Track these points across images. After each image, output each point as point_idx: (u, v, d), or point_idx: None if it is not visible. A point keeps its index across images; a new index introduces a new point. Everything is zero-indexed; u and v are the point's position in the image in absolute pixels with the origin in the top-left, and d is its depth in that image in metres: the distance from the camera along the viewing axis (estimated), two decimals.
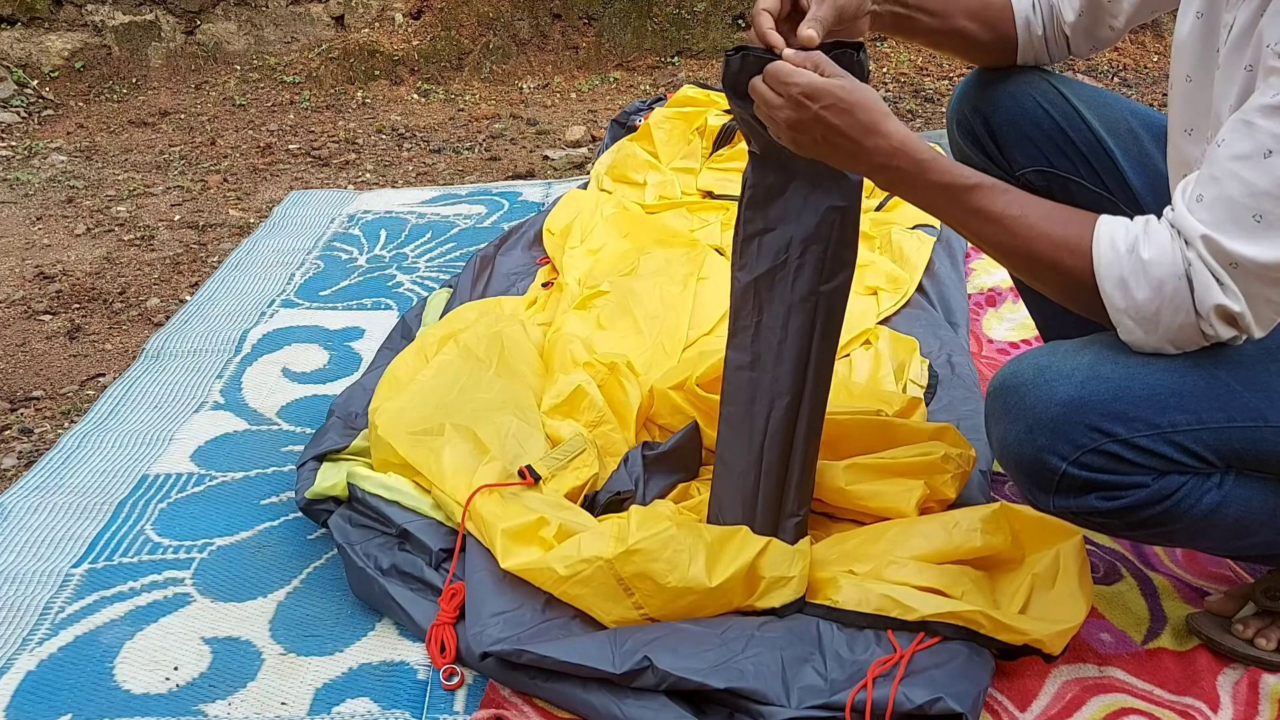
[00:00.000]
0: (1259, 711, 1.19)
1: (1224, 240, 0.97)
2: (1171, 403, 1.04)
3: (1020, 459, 1.09)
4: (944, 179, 1.10)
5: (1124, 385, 1.04)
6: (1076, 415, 1.04)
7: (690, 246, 2.13)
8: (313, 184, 3.23)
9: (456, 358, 1.75)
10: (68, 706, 1.26)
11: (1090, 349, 1.07)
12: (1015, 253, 1.10)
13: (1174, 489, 1.07)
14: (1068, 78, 1.40)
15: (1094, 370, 1.05)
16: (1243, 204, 0.96)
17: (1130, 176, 1.35)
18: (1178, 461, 1.06)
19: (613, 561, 1.24)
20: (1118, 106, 1.39)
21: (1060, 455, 1.05)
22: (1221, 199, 0.97)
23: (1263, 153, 0.95)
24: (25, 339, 2.27)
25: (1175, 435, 1.04)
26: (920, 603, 1.23)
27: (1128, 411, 1.04)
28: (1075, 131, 1.35)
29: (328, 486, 1.50)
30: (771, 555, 1.26)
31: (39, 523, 1.59)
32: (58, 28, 4.17)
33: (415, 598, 1.36)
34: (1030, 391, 1.07)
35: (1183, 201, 1.01)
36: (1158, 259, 1.00)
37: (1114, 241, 1.03)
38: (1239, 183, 0.96)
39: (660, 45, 4.39)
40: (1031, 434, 1.06)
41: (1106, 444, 1.04)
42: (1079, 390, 1.04)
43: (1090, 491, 1.07)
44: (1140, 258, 1.01)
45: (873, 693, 1.14)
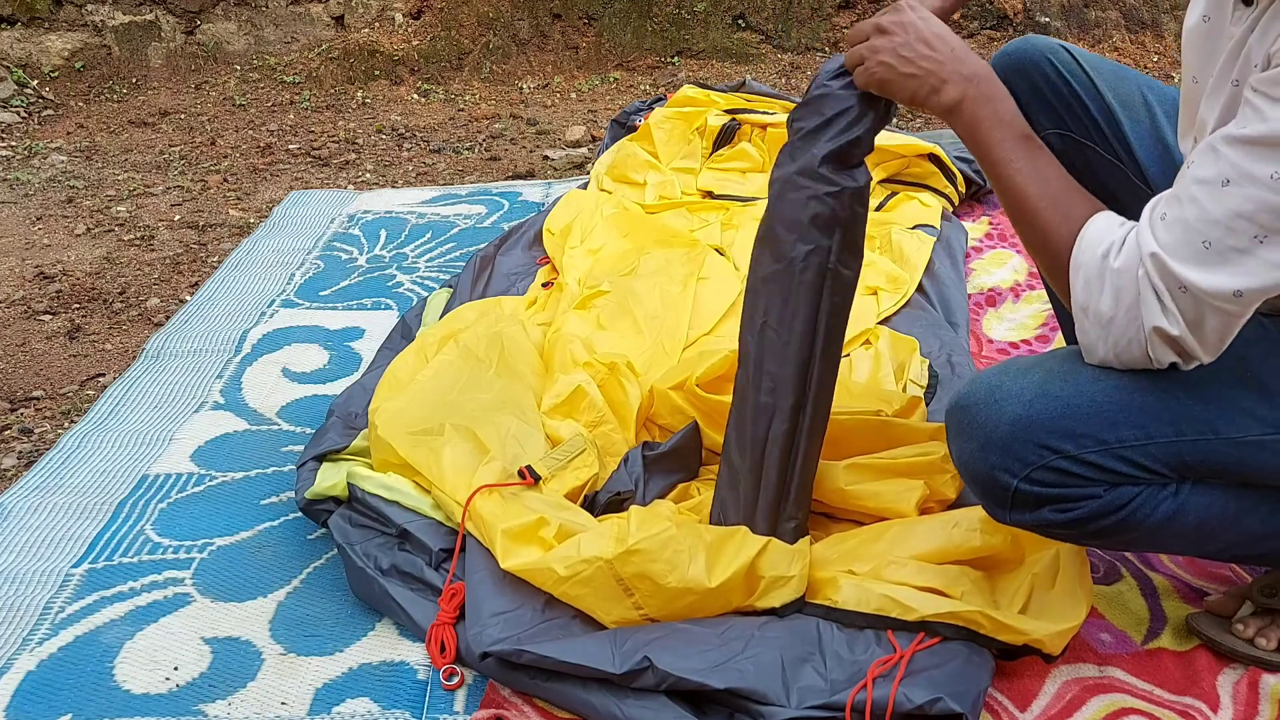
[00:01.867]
0: (1259, 711, 1.19)
1: (1172, 262, 0.98)
2: (1120, 419, 1.06)
3: (975, 476, 1.12)
4: (1009, 118, 1.15)
5: (1071, 403, 1.06)
6: (1025, 433, 1.07)
7: (690, 246, 2.13)
8: (313, 184, 3.23)
9: (456, 358, 1.75)
10: (68, 706, 1.26)
11: (1041, 368, 1.10)
12: (1025, 212, 1.13)
13: (1127, 499, 1.09)
14: (1086, 52, 1.41)
15: (1043, 389, 1.07)
16: (1195, 228, 0.97)
17: (1137, 150, 1.37)
18: (1128, 475, 1.07)
19: (612, 562, 1.24)
20: (1132, 80, 1.40)
21: (1011, 472, 1.08)
22: (1179, 220, 0.99)
23: (1221, 181, 0.95)
24: (25, 339, 2.27)
25: (1123, 450, 1.06)
26: (920, 603, 1.23)
27: (1075, 429, 1.06)
28: (1091, 101, 1.37)
29: (328, 486, 1.50)
30: (771, 555, 1.26)
31: (39, 523, 1.60)
32: (58, 28, 4.17)
33: (415, 598, 1.36)
34: (981, 410, 1.10)
35: (1147, 217, 1.02)
36: (1123, 268, 1.02)
37: (1096, 241, 1.05)
38: (1196, 207, 0.97)
39: (660, 45, 4.39)
40: (984, 452, 1.09)
41: (1055, 460, 1.07)
42: (1027, 409, 1.07)
43: (1043, 505, 1.09)
44: (1109, 265, 1.02)
45: (873, 693, 1.14)
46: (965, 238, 2.36)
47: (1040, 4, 4.35)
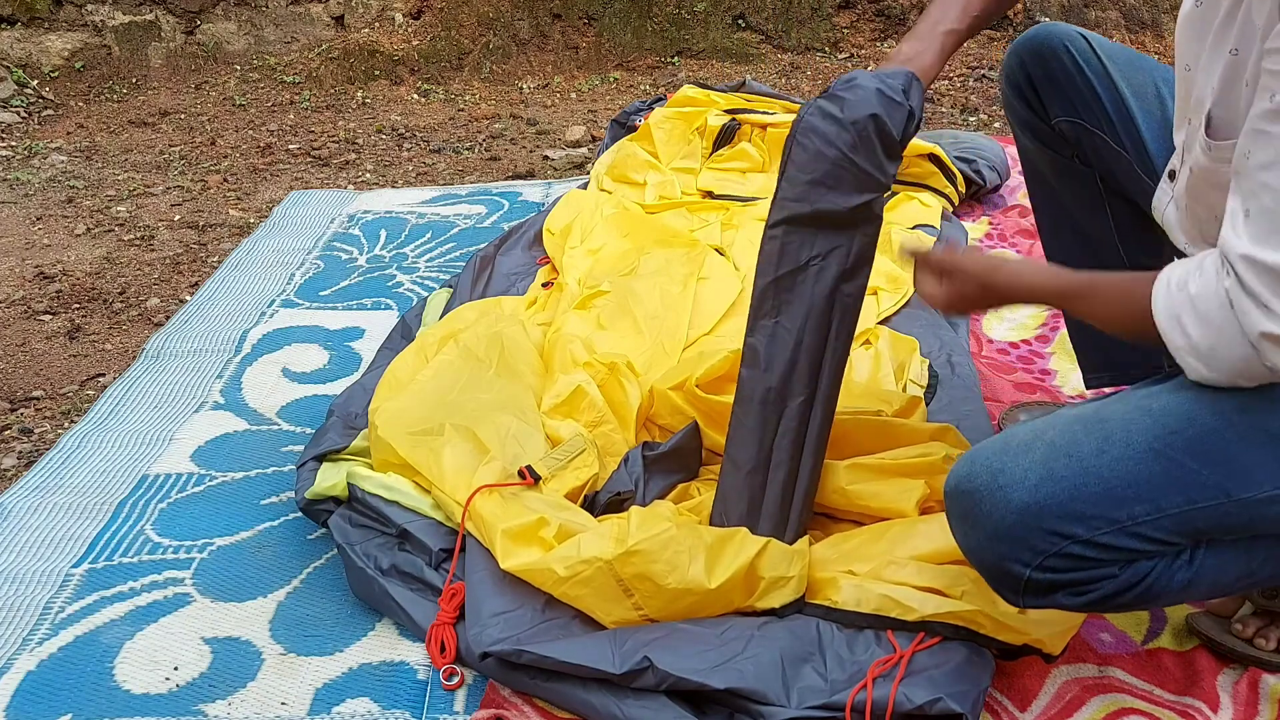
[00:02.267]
0: (1259, 711, 1.19)
1: (1265, 254, 0.92)
2: (1129, 495, 1.02)
3: (983, 565, 1.09)
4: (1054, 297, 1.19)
5: (1079, 484, 1.02)
6: (1034, 521, 1.02)
7: (690, 246, 2.13)
8: (313, 184, 3.23)
9: (456, 358, 1.75)
10: (68, 706, 1.26)
11: (1043, 442, 1.05)
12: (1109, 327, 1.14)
13: (1143, 575, 1.06)
14: (1105, 40, 1.42)
15: (1047, 470, 1.03)
16: (1277, 212, 0.92)
17: (1148, 140, 1.38)
18: (1142, 550, 1.04)
19: (612, 562, 1.24)
20: (1148, 70, 1.41)
21: (1022, 562, 1.04)
22: (1261, 212, 0.94)
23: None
24: (25, 339, 2.27)
25: (1136, 527, 1.02)
26: (920, 603, 1.23)
27: (1085, 511, 1.02)
28: (1104, 90, 1.38)
29: (328, 487, 1.50)
30: (770, 555, 1.26)
31: (39, 523, 1.59)
32: (58, 28, 4.17)
33: (415, 598, 1.36)
34: (985, 499, 1.04)
35: (1229, 223, 0.97)
36: (1203, 292, 0.97)
37: (1169, 281, 1.01)
38: (1270, 193, 0.93)
39: (660, 45, 4.39)
40: (992, 543, 1.05)
41: (1068, 546, 1.03)
42: (1033, 495, 1.02)
43: (1057, 591, 1.06)
44: (1189, 293, 0.98)
45: (873, 693, 1.14)
46: (965, 238, 2.36)
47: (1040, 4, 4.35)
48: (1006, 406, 1.75)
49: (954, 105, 3.73)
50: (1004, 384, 1.84)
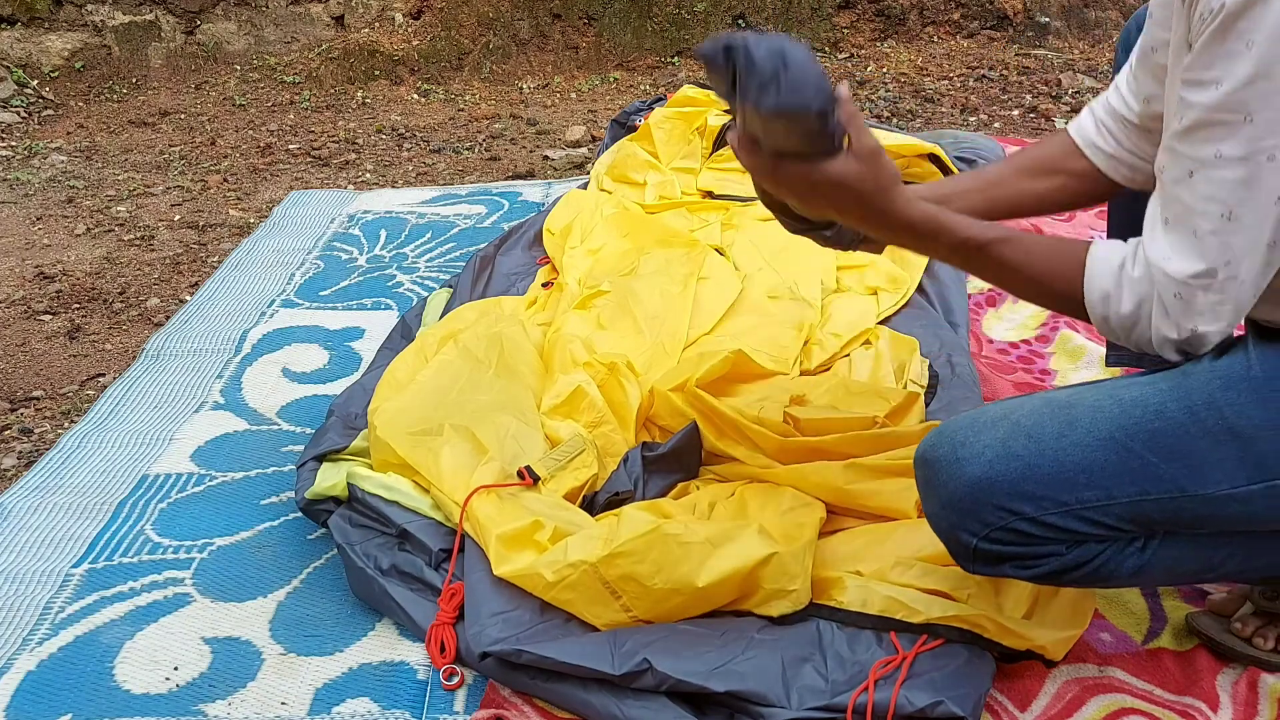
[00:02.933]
0: (1259, 711, 1.19)
1: (1173, 267, 0.98)
2: (1080, 480, 1.05)
3: (938, 530, 1.13)
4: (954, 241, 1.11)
5: (1032, 464, 1.05)
6: (984, 495, 1.06)
7: (690, 246, 2.13)
8: (313, 184, 3.23)
9: (456, 358, 1.75)
10: (68, 706, 1.26)
11: (1007, 421, 1.08)
12: (1024, 293, 1.13)
13: (1091, 556, 1.09)
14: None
15: (1005, 448, 1.06)
16: (1185, 222, 0.97)
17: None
18: (1090, 534, 1.07)
19: (597, 565, 1.24)
20: None
21: (970, 532, 1.09)
22: (1175, 221, 0.99)
23: (1187, 174, 0.97)
24: (25, 339, 2.27)
25: (1084, 511, 1.06)
26: (926, 605, 1.23)
27: (1035, 490, 1.05)
28: None
29: (328, 487, 1.50)
30: (774, 567, 1.25)
31: (39, 523, 1.60)
32: (58, 28, 4.17)
33: (415, 598, 1.36)
34: (943, 469, 1.09)
35: (1150, 225, 1.02)
36: (1141, 276, 1.01)
37: (1107, 258, 1.04)
38: (1181, 205, 0.98)
39: (660, 45, 4.39)
40: (945, 510, 1.10)
41: (1014, 522, 1.07)
42: (987, 470, 1.06)
43: (1004, 562, 1.10)
44: (1127, 274, 1.02)
45: (874, 695, 1.14)
46: None
47: (1040, 4, 4.35)
48: None
49: (954, 105, 3.73)
50: (1004, 384, 1.84)
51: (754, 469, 1.50)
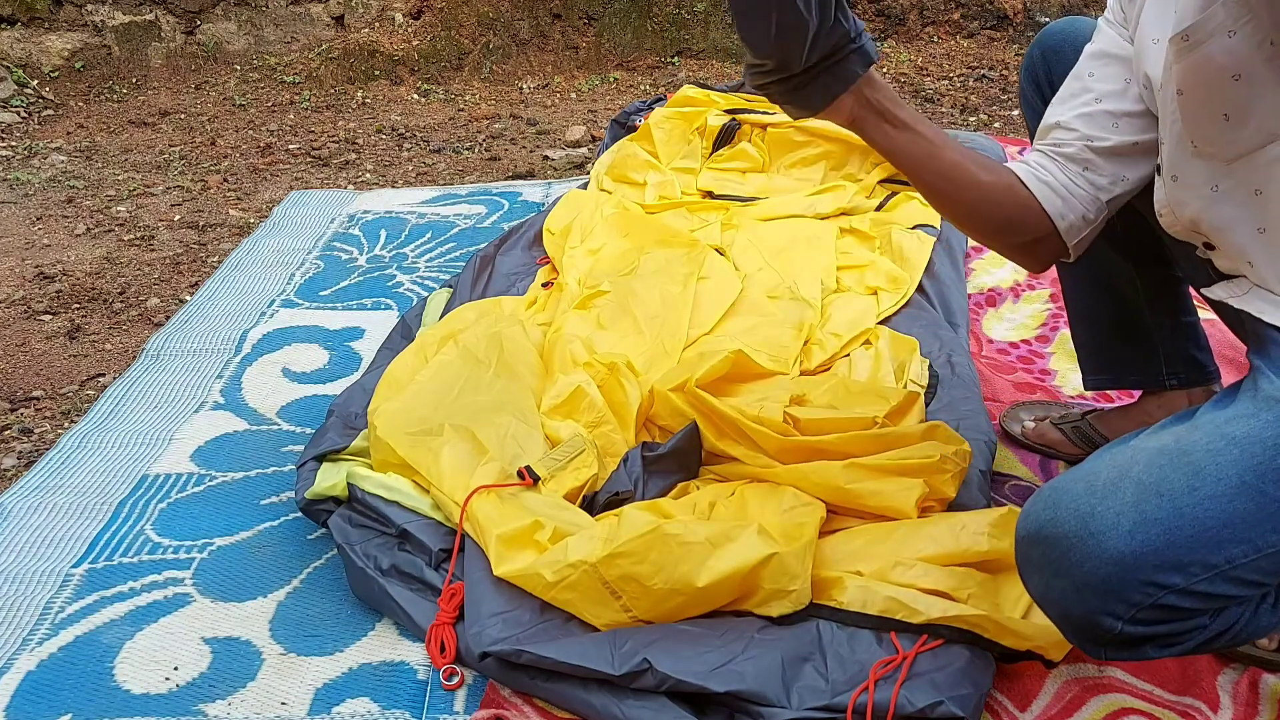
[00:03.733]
0: (1259, 711, 1.19)
1: None
2: (1225, 535, 0.95)
3: (1068, 617, 1.01)
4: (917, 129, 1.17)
5: (1174, 527, 0.95)
6: (1130, 573, 0.95)
7: (690, 246, 2.13)
8: (313, 184, 3.23)
9: (456, 358, 1.75)
10: (68, 706, 1.26)
11: (1131, 480, 0.98)
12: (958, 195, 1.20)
13: (1231, 623, 1.02)
14: None
15: (1140, 512, 0.95)
16: None
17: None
18: (1234, 596, 0.98)
19: (597, 565, 1.24)
20: None
21: (1115, 615, 0.97)
22: None
23: None
24: (25, 339, 2.27)
25: (1233, 571, 0.96)
26: (926, 605, 1.22)
27: (1182, 558, 0.94)
28: None
29: (327, 487, 1.50)
30: (774, 568, 1.25)
31: (39, 523, 1.60)
32: (58, 28, 4.17)
33: (415, 598, 1.36)
34: (1075, 546, 0.97)
35: None
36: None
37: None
38: None
39: (660, 45, 4.39)
40: (1080, 594, 0.97)
41: (1164, 597, 0.95)
42: (1129, 543, 0.94)
43: (1145, 644, 1.00)
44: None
45: (874, 695, 1.14)
46: (965, 238, 2.36)
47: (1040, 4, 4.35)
48: (1006, 406, 1.76)
49: (954, 105, 3.73)
50: (1004, 384, 1.84)
51: (754, 469, 1.50)
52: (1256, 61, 0.99)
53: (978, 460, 1.49)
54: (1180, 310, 1.53)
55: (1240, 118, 1.02)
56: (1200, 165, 1.09)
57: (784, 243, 2.18)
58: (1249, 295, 1.11)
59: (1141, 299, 1.51)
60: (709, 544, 1.26)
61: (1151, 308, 1.52)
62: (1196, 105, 1.06)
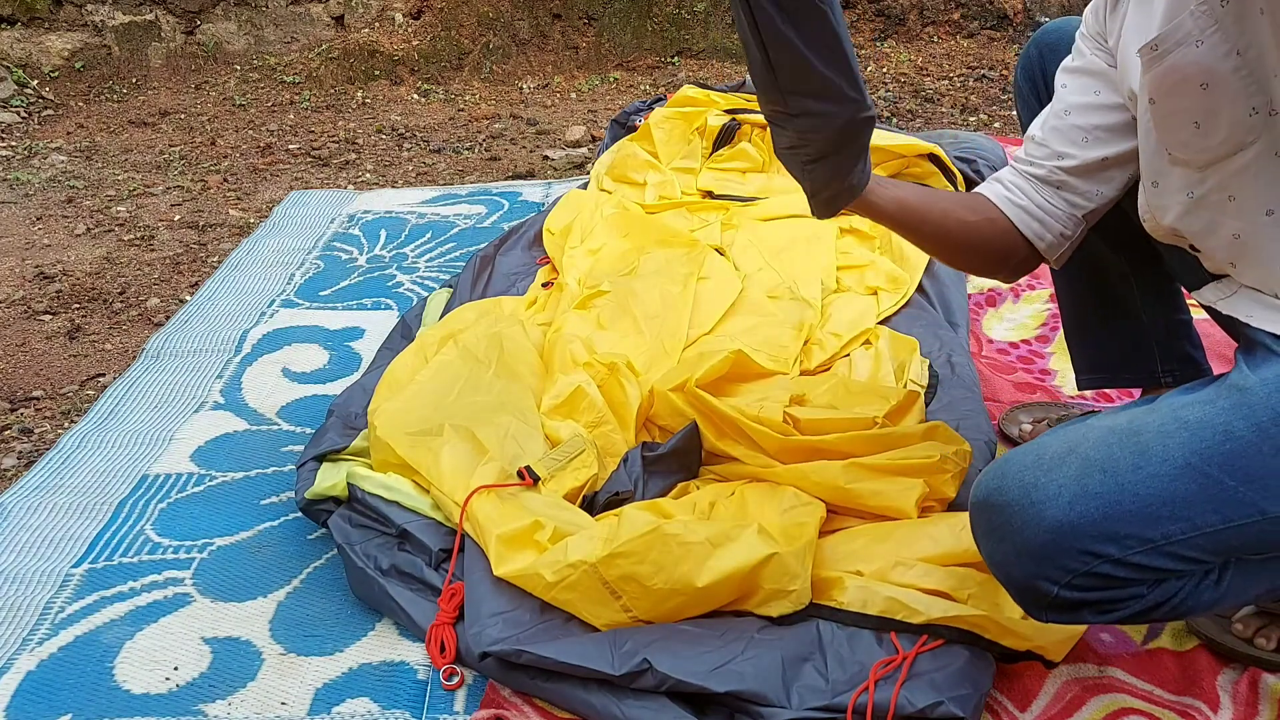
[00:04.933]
0: (1259, 711, 1.19)
1: None
2: (1164, 513, 0.99)
3: (1009, 580, 1.06)
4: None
5: (1114, 500, 0.99)
6: (1066, 540, 1.00)
7: (690, 246, 2.13)
8: (313, 184, 3.23)
9: (456, 358, 1.75)
10: (68, 706, 1.26)
11: (1076, 456, 1.02)
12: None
13: (1170, 595, 1.04)
14: None
15: (1082, 486, 1.00)
16: None
17: None
18: (1173, 570, 1.02)
19: (597, 565, 1.24)
20: None
21: (1051, 580, 1.01)
22: None
23: None
24: (25, 339, 2.27)
25: (1169, 546, 1.00)
26: (926, 606, 1.22)
27: (1119, 530, 0.99)
28: None
29: (327, 487, 1.50)
30: (774, 568, 1.25)
31: (39, 523, 1.59)
32: (58, 28, 4.17)
33: (415, 598, 1.36)
34: (1017, 514, 1.02)
35: None
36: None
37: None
38: None
39: (660, 45, 4.39)
40: (1020, 558, 1.03)
41: (1098, 565, 1.00)
42: (1067, 513, 0.99)
43: (1083, 609, 1.04)
44: None
45: (874, 695, 1.14)
46: None
47: (1040, 4, 4.35)
48: (1006, 406, 1.75)
49: (954, 105, 3.73)
50: (1004, 384, 1.84)
51: (754, 469, 1.50)
52: (1224, 71, 1.01)
53: (978, 460, 1.49)
54: (1174, 308, 1.53)
55: (1210, 126, 1.04)
56: (1177, 172, 1.10)
57: (784, 243, 2.18)
58: (1235, 298, 1.12)
59: (1135, 294, 1.52)
60: (709, 544, 1.25)
61: (1145, 303, 1.52)
62: (1168, 113, 1.08)
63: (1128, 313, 1.53)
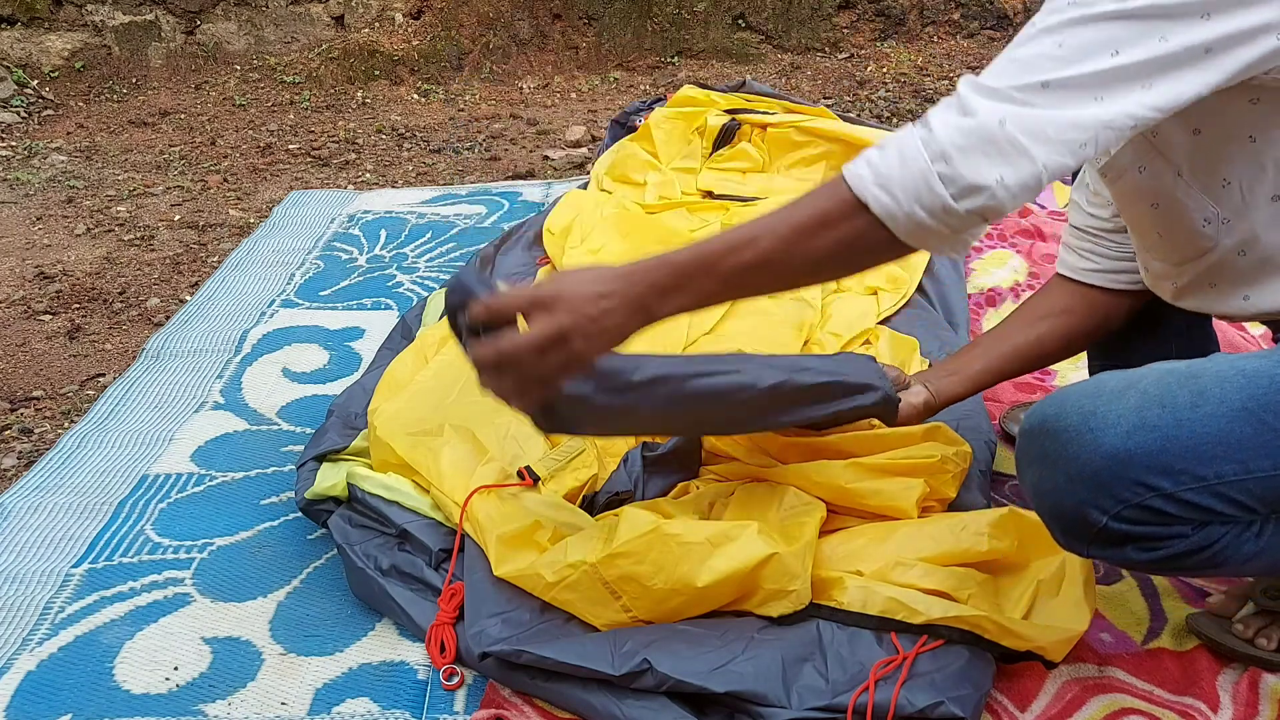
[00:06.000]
0: (1259, 711, 1.19)
1: (986, 79, 0.95)
2: (1219, 452, 1.00)
3: (1057, 509, 1.06)
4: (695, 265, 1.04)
5: (1171, 435, 0.99)
6: (1122, 469, 1.00)
7: None
8: (313, 184, 3.23)
9: (456, 358, 1.75)
10: (68, 706, 1.26)
11: (1136, 390, 1.02)
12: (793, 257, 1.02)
13: (1213, 540, 1.05)
14: None
15: (1140, 418, 1.00)
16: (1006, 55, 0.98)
17: None
18: (1220, 513, 1.02)
19: (597, 565, 1.24)
20: None
21: (1101, 509, 1.02)
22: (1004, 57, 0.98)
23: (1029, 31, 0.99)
24: (25, 339, 2.27)
25: (1221, 487, 1.00)
26: (926, 606, 1.22)
27: (1174, 464, 0.99)
28: None
29: (327, 487, 1.50)
30: (774, 568, 1.25)
31: (39, 523, 1.60)
32: (58, 28, 4.18)
33: (415, 598, 1.36)
34: (1074, 440, 1.01)
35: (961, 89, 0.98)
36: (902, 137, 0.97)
37: (865, 156, 0.98)
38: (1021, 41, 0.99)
39: (660, 45, 4.40)
40: (1071, 485, 1.03)
41: (1150, 498, 1.01)
42: (1125, 441, 0.99)
43: (1128, 543, 1.04)
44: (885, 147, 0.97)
45: (875, 696, 1.14)
46: None
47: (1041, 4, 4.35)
48: (1006, 406, 1.75)
49: None
50: (1004, 384, 1.84)
51: (754, 469, 1.50)
52: (1169, 190, 1.10)
53: (978, 460, 1.49)
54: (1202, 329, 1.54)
55: (1170, 235, 1.14)
56: (1157, 266, 1.24)
57: None
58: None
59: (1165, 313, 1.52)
60: (709, 544, 1.25)
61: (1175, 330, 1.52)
62: (1133, 223, 1.20)
63: (1149, 304, 1.53)
